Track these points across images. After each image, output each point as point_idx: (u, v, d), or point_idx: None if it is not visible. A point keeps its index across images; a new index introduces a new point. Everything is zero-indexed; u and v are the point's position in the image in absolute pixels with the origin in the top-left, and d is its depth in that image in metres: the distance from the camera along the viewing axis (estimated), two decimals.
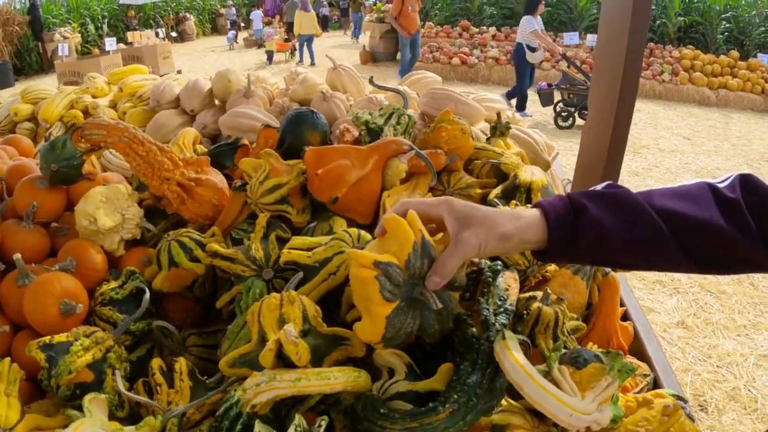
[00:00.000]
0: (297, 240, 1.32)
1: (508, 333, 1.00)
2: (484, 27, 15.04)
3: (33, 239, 1.57)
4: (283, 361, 0.97)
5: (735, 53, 13.21)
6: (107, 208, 1.54)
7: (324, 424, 0.91)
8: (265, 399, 0.90)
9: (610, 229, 0.92)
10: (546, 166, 2.37)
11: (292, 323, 1.02)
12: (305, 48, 16.21)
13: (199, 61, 17.25)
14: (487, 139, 2.08)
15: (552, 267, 1.52)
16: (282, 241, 1.40)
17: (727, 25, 14.22)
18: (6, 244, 1.53)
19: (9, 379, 1.06)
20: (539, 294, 1.27)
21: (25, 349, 1.13)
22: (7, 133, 3.06)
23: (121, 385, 1.10)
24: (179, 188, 1.60)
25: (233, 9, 23.37)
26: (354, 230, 1.30)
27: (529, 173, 1.71)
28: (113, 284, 1.42)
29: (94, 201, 1.52)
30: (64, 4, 18.54)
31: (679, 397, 1.22)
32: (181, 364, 1.17)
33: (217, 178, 1.69)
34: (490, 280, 1.19)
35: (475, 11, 16.03)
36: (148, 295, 1.31)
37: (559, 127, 9.66)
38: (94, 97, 3.20)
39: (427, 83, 2.84)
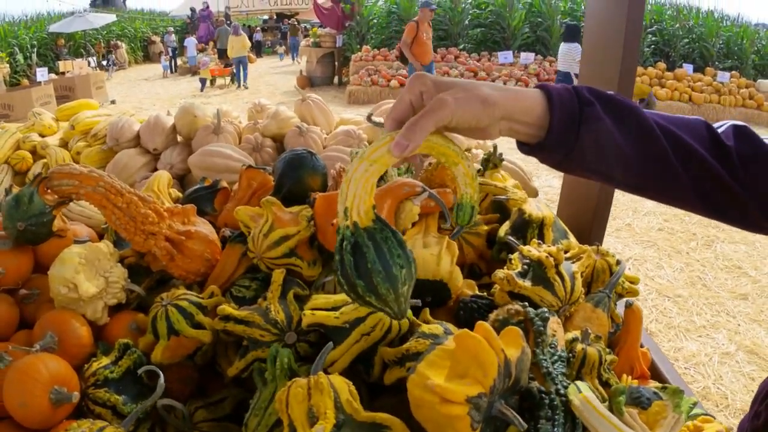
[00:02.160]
0: (320, 299, 1.19)
1: (582, 384, 0.96)
2: None
3: (0, 311, 1.38)
4: None
5: (662, 64, 13.80)
6: (88, 272, 1.36)
7: None
8: None
9: (614, 132, 0.82)
10: (535, 194, 2.31)
11: (322, 422, 0.89)
12: (240, 70, 16.34)
13: (133, 90, 16.78)
14: (482, 172, 2.00)
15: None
16: (299, 299, 1.26)
17: (653, 38, 14.82)
18: None
19: None
20: (578, 334, 1.22)
21: None
22: None
23: None
24: (167, 243, 1.44)
25: (173, 36, 22.81)
26: None
27: (536, 208, 1.64)
28: (105, 360, 1.24)
29: (72, 264, 1.34)
30: None
31: (713, 419, 1.18)
32: None
33: (206, 228, 1.53)
34: (542, 328, 1.10)
35: None
36: (162, 379, 1.15)
37: None
38: (41, 135, 2.99)
39: None
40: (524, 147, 0.86)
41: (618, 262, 1.55)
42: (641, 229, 6.25)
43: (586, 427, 0.92)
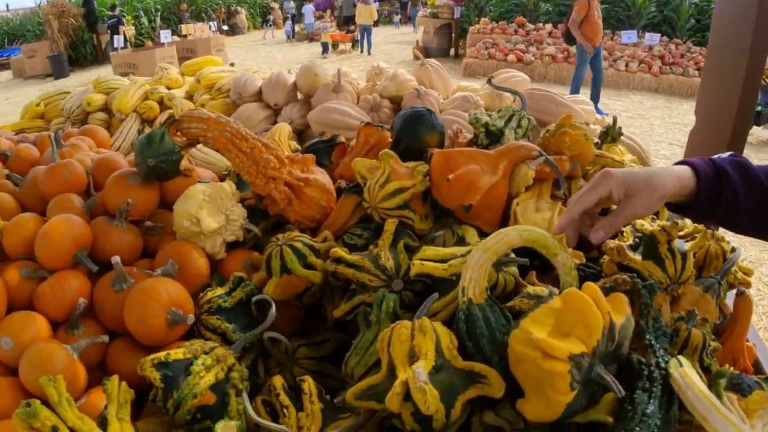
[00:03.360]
0: (429, 251, 1.20)
1: (683, 359, 0.94)
2: (540, 24, 14.70)
3: (127, 239, 1.48)
4: (413, 404, 0.87)
5: None
6: (210, 208, 1.44)
7: None
8: None
9: (742, 196, 1.06)
10: None
11: (423, 361, 0.92)
12: (364, 38, 16.70)
13: (251, 54, 17.35)
14: (599, 145, 1.94)
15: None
16: (408, 250, 1.29)
17: None
18: (98, 243, 1.44)
19: (120, 400, 0.95)
20: (683, 314, 1.19)
21: (137, 366, 1.03)
22: (79, 123, 3.04)
23: (252, 412, 0.99)
24: (287, 188, 1.50)
25: (292, 2, 23.51)
26: None
27: None
28: (219, 291, 1.32)
29: (196, 200, 1.42)
30: None
31: None
32: (310, 384, 1.07)
33: (324, 177, 1.58)
34: (648, 301, 1.07)
35: (531, 7, 15.72)
36: (273, 308, 1.20)
37: None
38: (168, 88, 3.15)
39: (517, 83, 2.70)
40: (672, 206, 1.14)
41: (733, 250, 1.48)
42: None
43: (683, 402, 0.90)
